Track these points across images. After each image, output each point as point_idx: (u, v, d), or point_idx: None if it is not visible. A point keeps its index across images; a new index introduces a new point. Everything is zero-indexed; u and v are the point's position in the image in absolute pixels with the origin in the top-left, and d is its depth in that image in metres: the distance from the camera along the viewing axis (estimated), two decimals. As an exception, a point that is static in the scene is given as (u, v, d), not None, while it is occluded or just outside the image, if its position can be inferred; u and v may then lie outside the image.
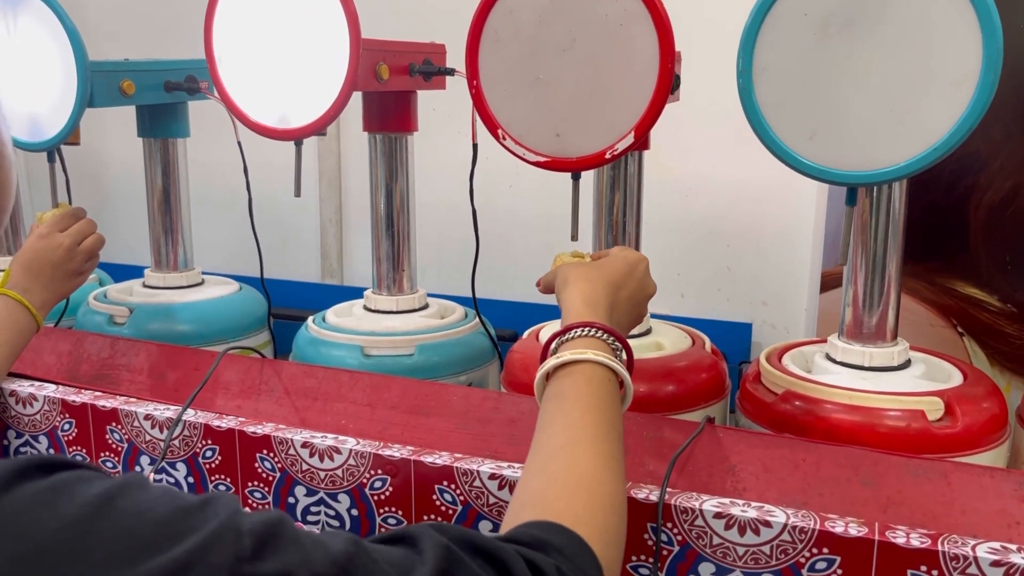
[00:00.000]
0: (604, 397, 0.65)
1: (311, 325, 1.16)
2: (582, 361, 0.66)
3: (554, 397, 0.66)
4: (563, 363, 0.66)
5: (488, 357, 1.16)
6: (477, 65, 0.86)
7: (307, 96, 0.94)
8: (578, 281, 0.76)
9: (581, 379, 0.65)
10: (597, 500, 0.57)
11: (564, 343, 0.69)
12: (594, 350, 0.67)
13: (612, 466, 0.60)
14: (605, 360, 0.66)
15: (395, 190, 1.14)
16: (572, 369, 0.66)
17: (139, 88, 1.15)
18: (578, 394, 0.64)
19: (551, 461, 0.60)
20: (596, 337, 0.68)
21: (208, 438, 0.89)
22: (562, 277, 0.78)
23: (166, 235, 1.29)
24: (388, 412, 1.00)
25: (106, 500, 0.42)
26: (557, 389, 0.66)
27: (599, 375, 0.66)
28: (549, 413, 0.64)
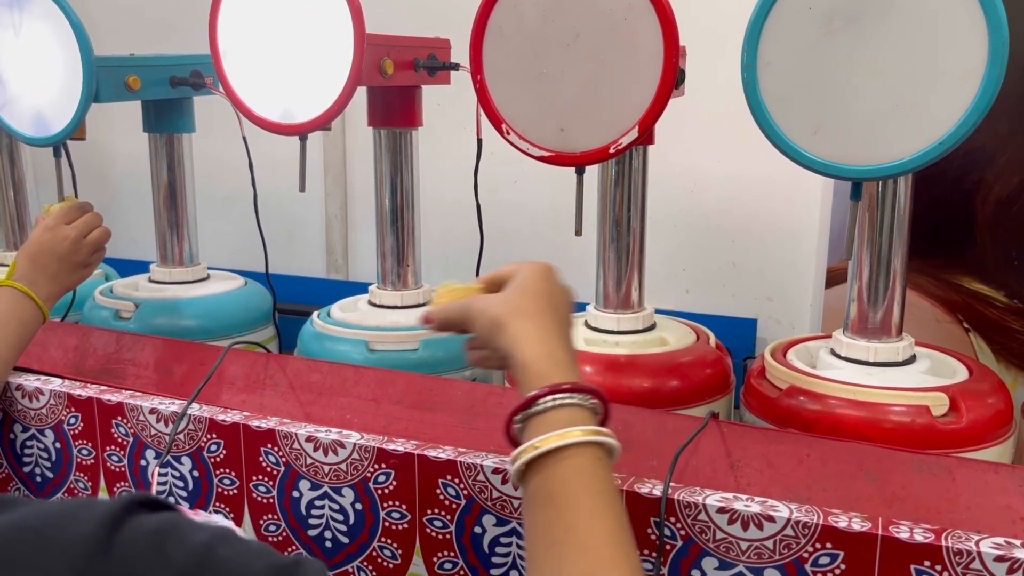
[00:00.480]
0: (606, 490, 0.55)
1: (316, 320, 1.16)
2: (571, 446, 0.55)
3: (547, 502, 0.54)
4: (546, 452, 0.55)
5: (492, 352, 1.16)
6: (481, 60, 0.85)
7: (311, 91, 0.94)
8: (516, 319, 0.62)
9: (575, 473, 0.55)
10: None
11: (535, 416, 0.57)
12: (578, 424, 0.56)
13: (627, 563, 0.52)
14: (598, 439, 0.56)
15: (400, 185, 1.15)
16: (560, 457, 0.55)
17: (144, 83, 1.15)
18: (577, 496, 0.54)
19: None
20: (575, 405, 0.57)
21: (213, 432, 0.89)
22: (490, 317, 0.63)
23: (171, 230, 1.30)
24: (392, 407, 1.01)
25: (209, 548, 0.43)
26: (546, 489, 0.55)
27: (592, 458, 0.55)
28: (547, 525, 0.53)
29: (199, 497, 0.91)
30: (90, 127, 1.13)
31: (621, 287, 1.05)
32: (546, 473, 0.55)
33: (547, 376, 0.59)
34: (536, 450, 0.55)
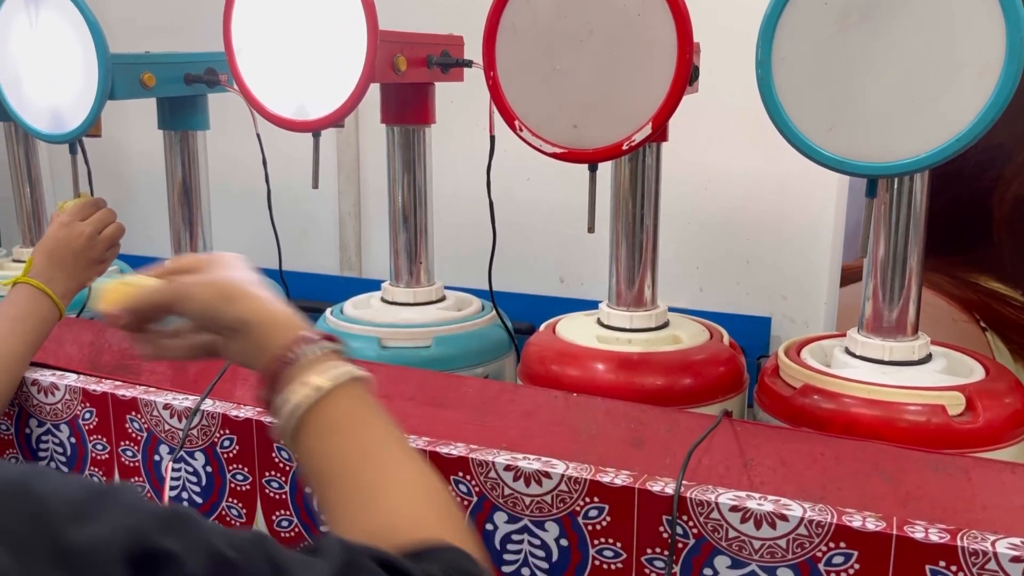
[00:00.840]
0: (385, 416, 0.60)
1: (329, 317, 1.16)
2: (348, 382, 0.59)
3: (340, 434, 0.58)
4: (329, 391, 0.58)
5: (505, 349, 1.16)
6: (494, 56, 0.85)
7: (325, 88, 0.94)
8: (247, 287, 0.65)
9: (360, 404, 0.60)
10: (449, 509, 0.56)
11: (306, 362, 0.60)
12: (342, 365, 0.60)
13: (431, 471, 0.58)
14: (364, 374, 0.62)
15: (413, 182, 1.15)
16: (341, 395, 0.59)
17: (159, 80, 1.15)
18: (370, 423, 0.59)
19: (395, 489, 0.56)
20: (334, 350, 0.62)
21: (226, 428, 0.89)
22: (217, 290, 0.64)
23: (185, 227, 1.30)
24: (405, 403, 1.01)
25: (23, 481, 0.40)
26: (334, 424, 0.58)
27: (365, 391, 0.61)
28: (346, 455, 0.57)
29: (212, 492, 0.91)
30: (106, 124, 1.14)
31: (634, 285, 1.05)
32: (330, 410, 0.58)
33: (300, 327, 0.62)
34: (319, 391, 0.58)
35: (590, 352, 1.00)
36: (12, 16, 1.08)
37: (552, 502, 0.76)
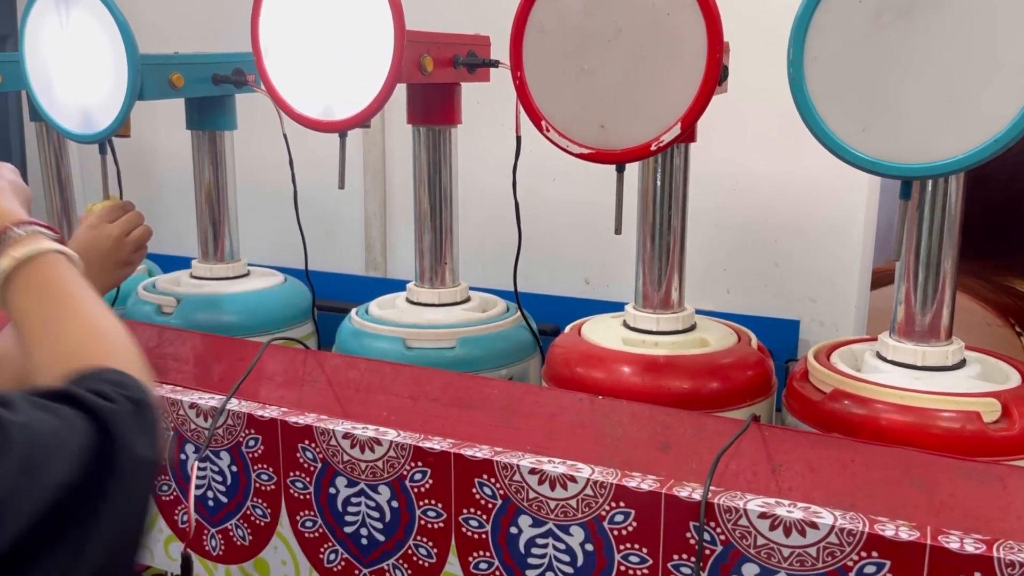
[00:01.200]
0: (84, 284, 0.70)
1: (354, 317, 1.16)
2: (47, 253, 0.68)
3: (41, 292, 0.68)
4: (28, 257, 0.68)
5: (529, 351, 1.16)
6: (521, 56, 0.85)
7: (351, 88, 0.94)
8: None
9: (62, 270, 0.69)
10: (123, 345, 0.65)
11: (11, 241, 0.68)
12: (41, 241, 0.69)
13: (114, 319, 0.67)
14: (65, 250, 0.70)
15: (438, 183, 1.14)
16: (42, 263, 0.68)
17: (188, 81, 1.16)
18: (68, 284, 0.68)
19: (78, 331, 0.65)
20: (40, 233, 0.70)
21: (251, 428, 0.89)
22: None
23: (213, 227, 1.31)
24: (429, 404, 1.00)
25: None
26: (35, 285, 0.68)
27: (66, 262, 0.70)
28: (47, 307, 0.67)
29: (237, 492, 0.92)
30: (135, 124, 1.14)
31: (661, 287, 1.04)
32: (31, 274, 0.67)
33: (14, 217, 0.71)
34: (15, 260, 0.67)
35: (616, 354, 0.99)
36: (43, 17, 1.09)
37: (577, 506, 0.75)
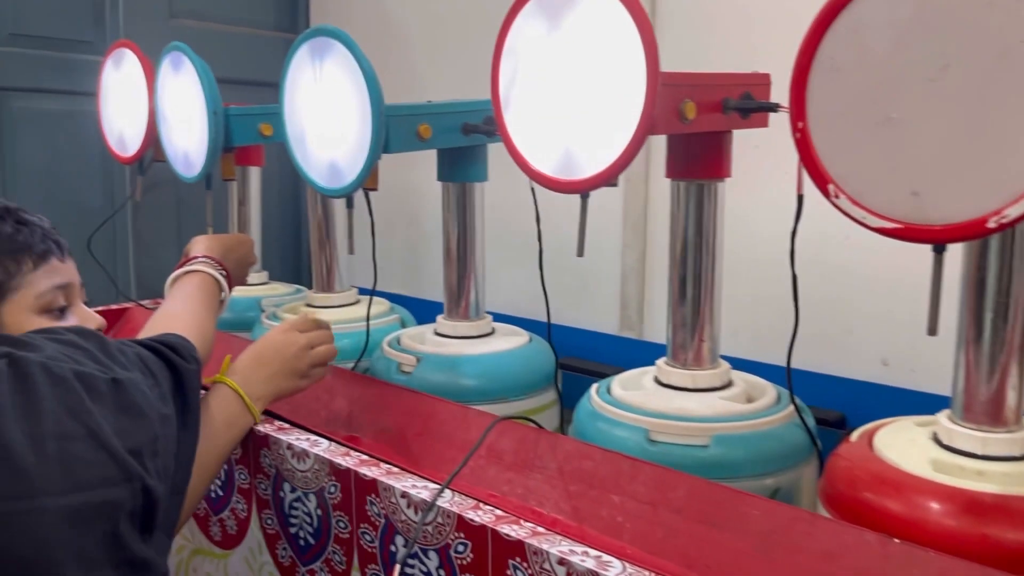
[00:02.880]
0: (205, 296, 1.05)
1: (594, 396, 1.02)
2: (197, 272, 1.07)
3: (179, 287, 1.06)
4: (186, 272, 1.07)
5: (803, 456, 0.94)
6: (805, 101, 0.66)
7: (596, 142, 0.81)
8: (199, 243, 1.15)
9: (196, 278, 1.06)
10: (198, 326, 0.96)
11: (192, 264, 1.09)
12: (207, 267, 1.08)
13: (208, 314, 1.02)
14: (212, 271, 1.08)
15: (699, 245, 0.97)
16: (192, 275, 1.07)
17: (436, 131, 1.10)
18: (195, 285, 1.05)
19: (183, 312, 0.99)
20: (209, 262, 1.09)
21: (461, 531, 0.78)
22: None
23: (459, 282, 1.24)
24: (671, 516, 0.84)
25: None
26: (182, 283, 1.06)
27: (207, 279, 1.07)
28: (178, 293, 1.05)
29: (444, 601, 0.81)
30: (401, 171, 1.10)
31: (989, 391, 0.78)
32: (183, 280, 1.06)
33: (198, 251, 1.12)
34: (182, 271, 1.08)
35: (921, 483, 0.76)
36: (300, 71, 1.08)
37: None
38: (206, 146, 1.29)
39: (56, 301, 0.87)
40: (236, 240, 1.17)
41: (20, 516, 0.52)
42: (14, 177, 1.87)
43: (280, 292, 1.62)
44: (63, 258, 0.90)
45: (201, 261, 1.08)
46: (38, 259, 0.86)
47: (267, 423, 1.01)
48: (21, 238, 0.85)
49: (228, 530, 1.08)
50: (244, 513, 1.05)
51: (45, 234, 0.88)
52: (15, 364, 0.59)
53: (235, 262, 1.15)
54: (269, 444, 0.98)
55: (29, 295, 0.84)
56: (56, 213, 1.88)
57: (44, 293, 0.85)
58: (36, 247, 0.86)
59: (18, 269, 0.84)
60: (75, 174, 1.93)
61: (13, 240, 0.84)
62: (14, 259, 0.84)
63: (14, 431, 0.54)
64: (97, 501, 0.55)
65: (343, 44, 1.01)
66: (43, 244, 0.87)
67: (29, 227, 0.87)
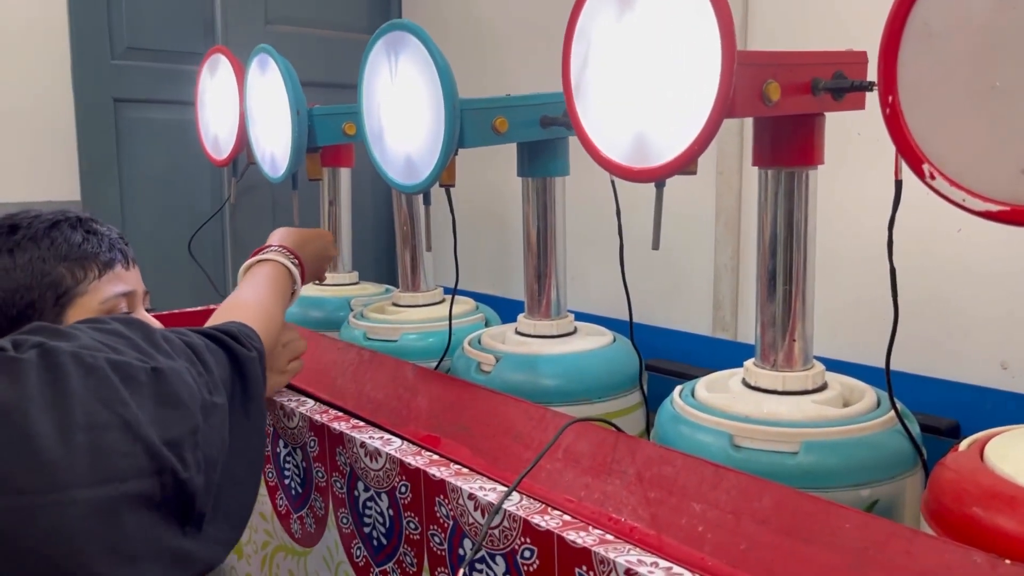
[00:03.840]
0: (275, 283, 1.05)
1: (676, 399, 0.97)
2: (270, 260, 1.07)
3: (251, 275, 1.05)
4: (259, 260, 1.07)
5: (906, 467, 0.86)
6: (895, 73, 0.60)
7: (670, 128, 0.76)
8: (277, 234, 1.13)
9: (268, 267, 1.06)
10: (264, 314, 0.96)
11: (266, 252, 1.09)
12: (273, 256, 1.08)
13: (276, 303, 1.02)
14: (283, 260, 1.08)
15: (790, 239, 0.91)
16: (264, 263, 1.07)
17: (512, 125, 1.07)
18: (265, 274, 1.05)
19: (251, 299, 0.99)
20: (283, 251, 1.09)
21: (527, 536, 0.75)
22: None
23: (539, 281, 1.21)
24: (756, 528, 0.78)
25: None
26: (254, 271, 1.06)
27: (279, 267, 1.07)
28: (248, 281, 1.04)
29: (510, 608, 0.78)
30: (484, 168, 1.08)
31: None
32: (255, 268, 1.07)
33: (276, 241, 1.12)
34: (256, 260, 1.08)
35: (1032, 497, 0.68)
36: (376, 67, 1.07)
37: None
38: (290, 146, 1.30)
39: (118, 307, 0.91)
40: (314, 233, 1.17)
41: (46, 509, 0.51)
42: (131, 184, 1.96)
43: (369, 292, 1.63)
44: (128, 266, 0.94)
45: (274, 250, 1.08)
46: (104, 267, 0.90)
47: (343, 420, 1.01)
48: (89, 247, 0.90)
49: (307, 528, 1.08)
50: (322, 511, 1.04)
51: (112, 243, 0.93)
52: (46, 354, 0.59)
53: (312, 254, 1.14)
54: (344, 442, 0.98)
55: (94, 301, 0.89)
56: (168, 218, 1.99)
57: (108, 299, 0.90)
58: (102, 255, 0.91)
59: (84, 276, 0.89)
60: (185, 180, 2.01)
61: (82, 248, 0.89)
62: (81, 266, 0.89)
63: (41, 422, 0.54)
64: (129, 493, 0.55)
65: (417, 38, 1.00)
66: (109, 253, 0.92)
67: (98, 236, 0.92)
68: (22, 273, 0.87)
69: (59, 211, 0.94)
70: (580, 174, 1.18)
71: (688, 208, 1.44)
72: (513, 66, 1.84)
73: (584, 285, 1.54)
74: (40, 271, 0.88)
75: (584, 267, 1.56)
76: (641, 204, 1.11)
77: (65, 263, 0.89)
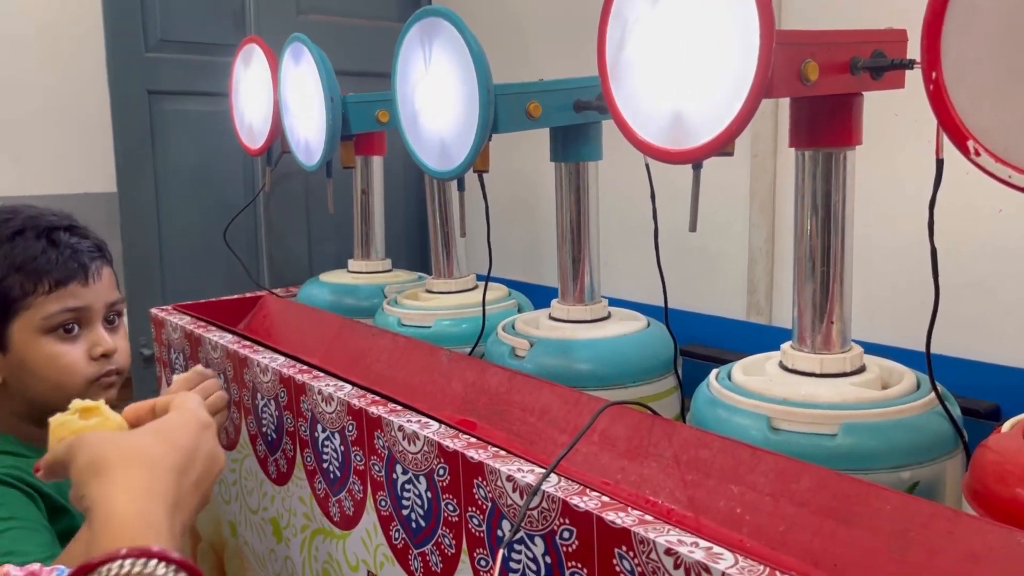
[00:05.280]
0: None
1: (713, 382, 0.97)
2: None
3: None
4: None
5: (946, 448, 0.86)
6: (939, 47, 0.59)
7: (707, 108, 0.76)
8: (125, 468, 0.55)
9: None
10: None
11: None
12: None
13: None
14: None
15: (828, 220, 0.90)
16: None
17: (546, 110, 1.07)
18: None
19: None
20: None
21: (566, 517, 0.75)
22: (87, 459, 0.56)
23: (573, 265, 1.21)
24: (795, 510, 0.78)
25: None
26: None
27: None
28: None
29: (550, 588, 0.78)
30: (517, 154, 1.08)
31: None
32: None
33: (132, 537, 0.52)
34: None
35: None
36: (410, 53, 1.08)
37: None
38: (324, 134, 1.31)
39: (64, 323, 0.91)
40: (182, 423, 0.73)
41: None
42: (165, 175, 1.99)
43: (402, 279, 1.64)
44: (86, 282, 0.93)
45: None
46: (55, 284, 0.91)
47: (380, 404, 1.02)
48: (44, 260, 0.90)
49: (346, 511, 1.09)
50: (360, 494, 1.06)
51: (76, 257, 0.92)
52: None
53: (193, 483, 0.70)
54: (382, 426, 0.99)
55: (36, 316, 0.90)
56: (202, 208, 2.01)
57: (52, 315, 0.90)
58: (55, 272, 0.90)
59: (34, 289, 0.89)
60: (219, 171, 2.04)
61: (37, 262, 0.89)
62: (32, 279, 0.89)
63: None
64: None
65: (451, 23, 1.00)
66: (66, 268, 0.91)
67: (58, 249, 0.91)
68: None
69: (34, 214, 0.92)
70: (606, 160, 1.18)
71: (722, 192, 1.43)
72: (541, 51, 1.84)
73: (613, 272, 1.53)
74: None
75: (612, 254, 1.56)
76: (670, 190, 1.11)
77: (19, 273, 0.89)
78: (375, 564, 1.05)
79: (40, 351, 0.95)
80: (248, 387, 1.26)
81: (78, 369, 0.99)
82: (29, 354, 0.95)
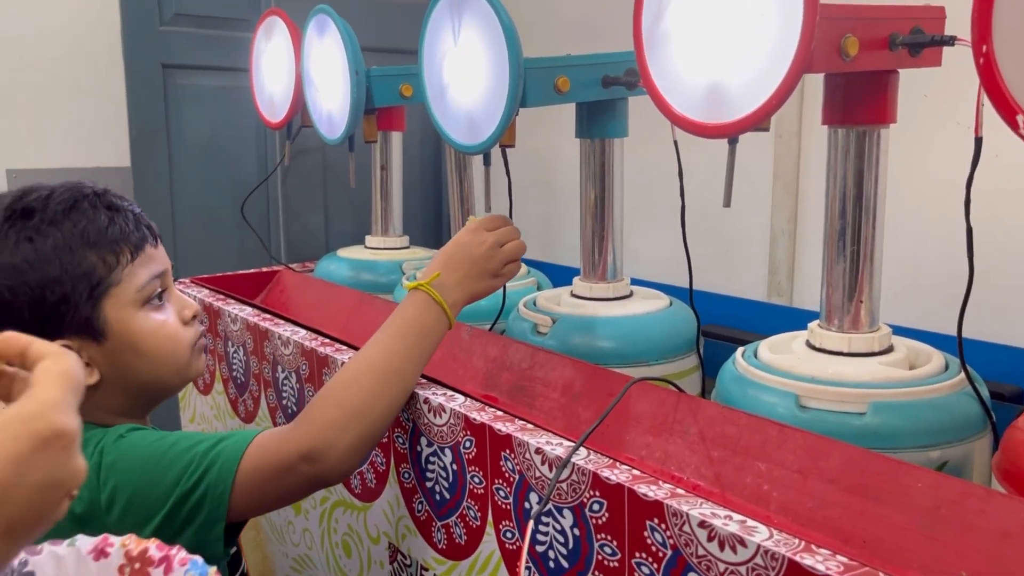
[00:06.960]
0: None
1: (739, 359, 0.97)
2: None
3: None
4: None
5: (976, 429, 0.85)
6: (990, 19, 0.58)
7: (746, 82, 0.75)
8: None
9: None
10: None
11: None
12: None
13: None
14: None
15: (860, 198, 0.90)
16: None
17: (575, 85, 1.07)
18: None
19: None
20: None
21: (596, 489, 0.75)
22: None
23: (596, 243, 1.21)
24: (823, 487, 0.78)
25: None
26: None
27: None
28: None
29: (578, 561, 0.79)
30: (538, 132, 1.07)
31: None
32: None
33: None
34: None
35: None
36: (439, 25, 1.07)
37: None
38: (348, 107, 1.31)
39: (155, 291, 0.84)
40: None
41: None
42: (179, 149, 1.98)
43: (420, 256, 1.64)
44: (156, 243, 0.86)
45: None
46: (135, 249, 0.82)
47: (405, 378, 1.02)
48: (116, 228, 0.81)
49: (368, 483, 1.10)
50: (383, 467, 1.06)
51: (138, 219, 0.84)
52: None
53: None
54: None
55: (130, 289, 0.81)
56: (215, 183, 2.01)
57: (145, 285, 0.82)
58: (132, 236, 0.82)
59: (117, 262, 0.80)
60: (232, 146, 2.03)
61: (109, 231, 0.80)
62: (112, 251, 0.80)
63: None
64: None
65: (481, -5, 0.99)
66: (137, 232, 0.83)
67: (122, 214, 0.83)
68: (49, 264, 0.77)
69: (71, 185, 0.82)
70: (629, 139, 1.18)
71: (744, 172, 1.42)
72: (566, 26, 1.82)
73: (633, 251, 1.53)
74: (68, 261, 0.78)
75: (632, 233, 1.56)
76: (692, 169, 1.10)
77: (95, 249, 0.79)
78: (396, 536, 1.05)
79: (144, 326, 0.84)
80: (268, 360, 1.26)
81: (182, 336, 0.89)
82: (133, 332, 0.83)
